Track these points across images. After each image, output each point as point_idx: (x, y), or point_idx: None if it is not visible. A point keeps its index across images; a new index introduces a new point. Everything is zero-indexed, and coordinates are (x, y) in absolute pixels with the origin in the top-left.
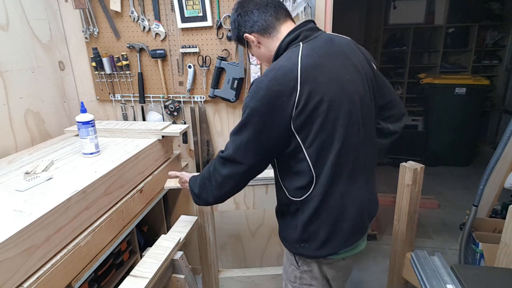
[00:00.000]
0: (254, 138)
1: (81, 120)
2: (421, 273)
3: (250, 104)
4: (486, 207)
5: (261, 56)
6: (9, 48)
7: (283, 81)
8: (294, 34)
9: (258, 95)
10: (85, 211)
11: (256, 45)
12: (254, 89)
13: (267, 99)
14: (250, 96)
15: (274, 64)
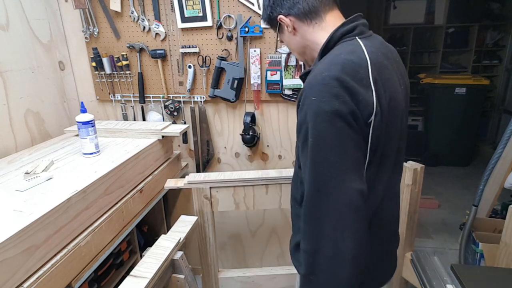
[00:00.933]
0: (345, 149)
1: (81, 120)
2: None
3: (325, 106)
4: (486, 207)
5: (293, 44)
6: (9, 48)
7: (355, 76)
8: (350, 26)
9: (332, 91)
10: (85, 211)
11: (291, 31)
12: (321, 89)
13: (343, 96)
14: (319, 96)
15: (333, 57)
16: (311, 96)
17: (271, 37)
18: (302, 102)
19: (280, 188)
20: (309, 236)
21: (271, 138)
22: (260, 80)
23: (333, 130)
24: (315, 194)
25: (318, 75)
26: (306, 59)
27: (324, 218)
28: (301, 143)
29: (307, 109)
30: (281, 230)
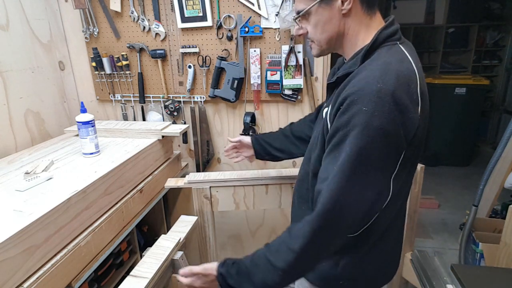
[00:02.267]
0: (371, 170)
1: (81, 120)
2: (421, 273)
3: (376, 121)
4: (486, 207)
5: (331, 26)
6: (9, 48)
7: (408, 92)
8: (393, 29)
9: (385, 109)
10: (85, 211)
11: (344, 9)
12: (375, 101)
13: (396, 114)
14: (371, 109)
15: (383, 66)
16: (361, 106)
17: (271, 37)
18: (346, 107)
19: (280, 188)
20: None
21: None
22: (260, 80)
23: (376, 147)
24: (333, 204)
25: (372, 84)
26: (329, 48)
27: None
28: (332, 147)
29: (353, 118)
30: (281, 230)
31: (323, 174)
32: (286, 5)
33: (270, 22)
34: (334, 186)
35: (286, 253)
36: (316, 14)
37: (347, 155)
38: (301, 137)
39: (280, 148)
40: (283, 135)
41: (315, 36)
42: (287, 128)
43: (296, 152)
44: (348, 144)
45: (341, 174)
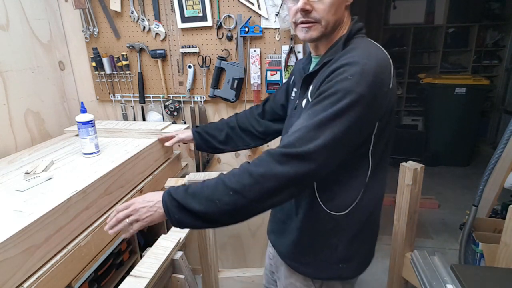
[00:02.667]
0: (350, 130)
1: (81, 120)
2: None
3: (357, 89)
4: (486, 207)
5: (340, 11)
6: (9, 48)
7: (385, 70)
8: (360, 24)
9: (367, 79)
10: (85, 211)
11: (347, 3)
12: (359, 72)
13: (375, 87)
14: (356, 80)
15: (363, 50)
16: (347, 75)
17: (271, 37)
18: (333, 77)
19: None
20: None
21: None
22: (260, 80)
23: (356, 110)
24: (301, 142)
25: (358, 60)
26: (331, 31)
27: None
28: (312, 105)
29: (337, 83)
30: None
31: (297, 125)
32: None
33: (270, 22)
34: (310, 134)
35: (243, 176)
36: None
37: (327, 113)
38: (247, 130)
39: (224, 141)
40: (228, 127)
41: (326, 15)
42: (233, 120)
43: (241, 145)
44: (330, 104)
45: (317, 122)
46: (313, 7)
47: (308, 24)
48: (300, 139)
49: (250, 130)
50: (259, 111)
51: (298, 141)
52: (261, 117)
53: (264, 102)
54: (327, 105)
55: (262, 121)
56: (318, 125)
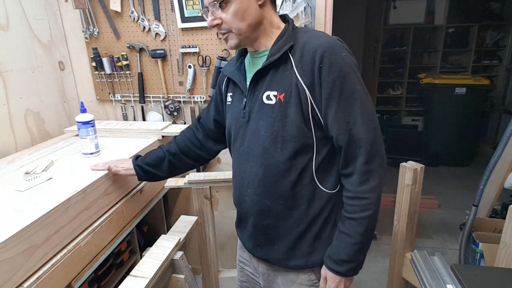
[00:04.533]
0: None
1: (81, 120)
2: (421, 273)
3: (353, 58)
4: (486, 207)
5: (249, 15)
6: (9, 48)
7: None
8: (292, 20)
9: (349, 51)
10: (85, 211)
11: (259, 2)
12: (343, 46)
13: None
14: (346, 54)
15: (315, 33)
16: (340, 53)
17: None
18: (329, 61)
19: None
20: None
21: None
22: None
23: (360, 80)
24: (377, 138)
25: (331, 39)
26: (248, 36)
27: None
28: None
29: (341, 65)
30: None
31: (343, 121)
32: (286, 5)
33: None
34: (366, 126)
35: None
36: (236, 2)
37: (359, 95)
38: (189, 154)
39: (167, 170)
40: (170, 155)
41: (234, 24)
42: (173, 146)
43: (185, 169)
44: (352, 87)
45: (364, 112)
46: (222, 19)
47: (224, 35)
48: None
49: (193, 150)
50: (198, 131)
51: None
52: (202, 136)
53: (198, 119)
54: (354, 87)
55: (204, 141)
56: (366, 115)
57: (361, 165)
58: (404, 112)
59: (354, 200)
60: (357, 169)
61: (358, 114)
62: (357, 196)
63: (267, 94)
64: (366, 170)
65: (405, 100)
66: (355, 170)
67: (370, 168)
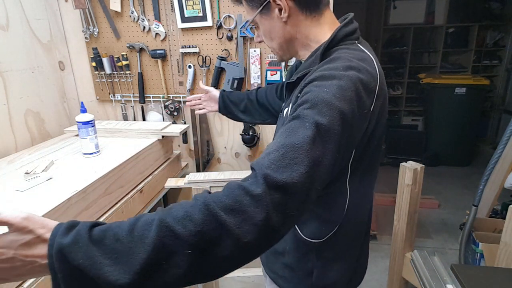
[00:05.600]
0: (333, 154)
1: (81, 120)
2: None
3: (338, 103)
4: (486, 207)
5: (277, 32)
6: (9, 48)
7: (367, 88)
8: (352, 27)
9: (347, 95)
10: (85, 211)
11: (283, 17)
12: (338, 85)
13: (355, 104)
14: (334, 93)
15: (346, 61)
16: (324, 88)
17: None
18: (308, 89)
19: None
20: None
21: (271, 138)
22: (260, 80)
23: (335, 126)
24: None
25: (335, 72)
26: (285, 53)
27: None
28: (288, 121)
29: (314, 97)
30: None
31: (267, 149)
32: None
33: None
34: (287, 161)
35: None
36: (261, 24)
37: (303, 132)
38: (264, 105)
39: (243, 111)
40: (248, 99)
41: (268, 43)
42: (253, 92)
43: (258, 118)
44: (307, 119)
45: (293, 147)
46: (262, 38)
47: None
48: (277, 163)
49: (266, 105)
50: (278, 89)
51: (267, 166)
52: (277, 97)
53: (277, 85)
54: (302, 123)
55: (278, 100)
56: (294, 148)
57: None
58: (404, 112)
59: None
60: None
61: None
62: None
63: (286, 110)
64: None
65: (405, 100)
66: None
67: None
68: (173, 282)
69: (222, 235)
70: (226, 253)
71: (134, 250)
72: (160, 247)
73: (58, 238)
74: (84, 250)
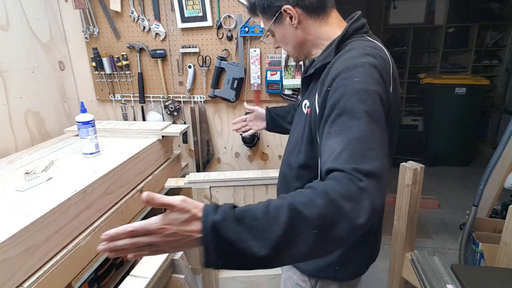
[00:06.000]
0: (385, 132)
1: (81, 120)
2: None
3: (372, 87)
4: (486, 207)
5: (290, 37)
6: (9, 48)
7: (384, 70)
8: (361, 23)
9: (375, 77)
10: (85, 211)
11: (293, 24)
12: (364, 72)
13: (382, 85)
14: (364, 79)
15: (359, 51)
16: (353, 78)
17: None
18: (337, 85)
19: None
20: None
21: (271, 138)
22: (260, 80)
23: (377, 108)
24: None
25: (356, 61)
26: (299, 54)
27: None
28: (331, 123)
29: (348, 89)
30: None
31: (332, 149)
32: None
33: None
34: (352, 145)
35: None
36: (276, 32)
37: (357, 122)
38: None
39: (290, 122)
40: (294, 109)
41: (284, 47)
42: (298, 103)
43: None
44: (355, 111)
45: (356, 132)
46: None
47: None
48: (354, 155)
49: None
50: None
51: (350, 158)
52: None
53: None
54: (351, 116)
55: None
56: (359, 140)
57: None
58: (404, 112)
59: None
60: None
61: (345, 145)
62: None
63: (305, 102)
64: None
65: (405, 100)
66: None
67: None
68: (298, 256)
69: (340, 218)
70: (342, 234)
71: (271, 228)
72: (291, 227)
73: (210, 216)
74: (231, 226)
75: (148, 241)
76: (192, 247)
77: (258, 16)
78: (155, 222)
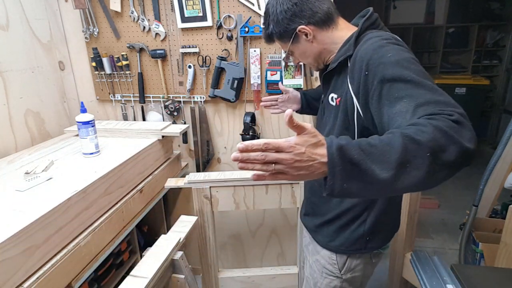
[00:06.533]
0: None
1: (81, 120)
2: (421, 273)
3: (406, 55)
4: (486, 207)
5: (309, 51)
6: (9, 48)
7: (406, 47)
8: (373, 18)
9: (403, 48)
10: (85, 211)
11: (309, 39)
12: (393, 47)
13: (412, 53)
14: (396, 52)
15: (377, 39)
16: (385, 56)
17: None
18: (373, 68)
19: (280, 188)
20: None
21: (271, 138)
22: (260, 80)
23: (421, 68)
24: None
25: (380, 43)
26: (319, 63)
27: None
28: (388, 89)
29: (386, 64)
30: (281, 230)
31: (403, 111)
32: None
33: None
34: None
35: (436, 134)
36: (295, 50)
37: (412, 83)
38: None
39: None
40: None
41: (304, 61)
42: None
43: None
44: (404, 77)
45: (419, 87)
46: (298, 59)
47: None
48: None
49: None
50: None
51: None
52: None
53: None
54: (404, 83)
55: None
56: (428, 100)
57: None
58: None
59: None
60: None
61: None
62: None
63: (332, 96)
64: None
65: None
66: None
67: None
68: (415, 182)
69: (449, 141)
70: (452, 157)
71: (389, 152)
72: (405, 150)
73: (335, 140)
74: (355, 148)
75: (278, 157)
76: (314, 175)
77: (275, 43)
78: (287, 141)
